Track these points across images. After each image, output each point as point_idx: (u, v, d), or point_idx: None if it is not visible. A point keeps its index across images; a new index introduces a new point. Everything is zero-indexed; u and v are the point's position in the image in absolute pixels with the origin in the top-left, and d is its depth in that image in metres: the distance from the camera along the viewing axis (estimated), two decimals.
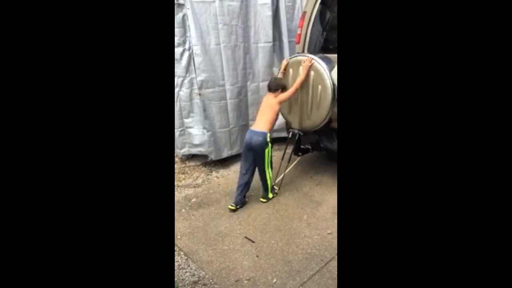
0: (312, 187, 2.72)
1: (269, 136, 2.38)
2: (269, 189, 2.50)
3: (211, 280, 1.77)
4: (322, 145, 2.77)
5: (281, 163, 2.72)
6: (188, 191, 2.75)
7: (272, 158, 2.48)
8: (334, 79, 2.30)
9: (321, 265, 1.83)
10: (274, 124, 2.45)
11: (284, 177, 2.72)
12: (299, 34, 2.72)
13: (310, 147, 2.83)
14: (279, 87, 2.42)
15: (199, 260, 1.92)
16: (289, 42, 3.22)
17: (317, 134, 2.71)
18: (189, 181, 2.93)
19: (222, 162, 3.20)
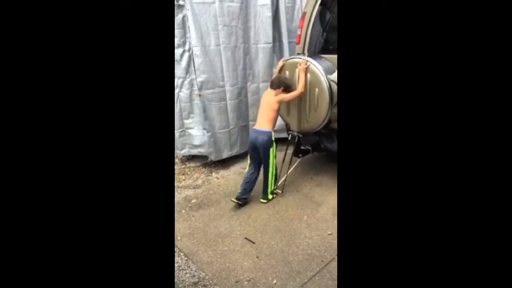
0: (312, 188, 2.71)
1: (273, 135, 2.39)
2: (269, 191, 2.50)
3: (211, 281, 1.77)
4: (323, 146, 2.77)
5: (282, 165, 2.71)
6: (188, 192, 2.75)
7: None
8: (331, 80, 2.30)
9: (321, 266, 1.83)
10: (276, 122, 2.45)
11: (286, 179, 2.72)
12: (299, 35, 2.72)
13: (310, 148, 2.83)
14: (282, 85, 2.41)
15: (199, 261, 1.92)
16: (289, 43, 3.22)
17: (317, 135, 2.71)
18: (189, 182, 2.93)
19: (222, 163, 3.20)
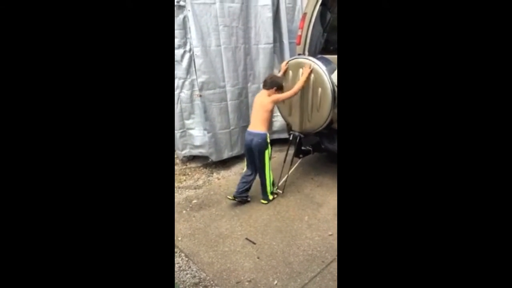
0: (313, 189, 2.71)
1: (268, 137, 2.38)
2: (269, 191, 2.49)
3: (212, 282, 1.76)
4: (323, 146, 2.76)
5: (284, 165, 2.71)
6: (189, 193, 2.75)
7: (271, 160, 2.47)
8: (334, 81, 2.29)
9: (322, 267, 1.83)
10: (270, 123, 2.43)
11: (287, 179, 2.71)
12: (300, 35, 2.72)
13: (311, 149, 2.82)
14: (275, 85, 2.37)
15: (200, 262, 1.92)
16: (290, 43, 3.22)
17: (318, 136, 2.71)
18: (190, 183, 2.93)
19: (223, 164, 3.20)
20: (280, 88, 2.40)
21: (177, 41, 2.77)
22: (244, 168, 2.54)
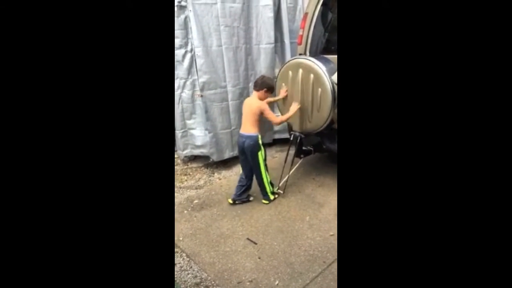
0: (315, 189, 2.71)
1: (261, 138, 2.36)
2: (269, 191, 2.49)
3: (213, 282, 1.77)
4: (325, 147, 2.76)
5: (284, 166, 2.71)
6: (190, 193, 2.75)
7: (267, 161, 2.47)
8: (335, 81, 2.29)
9: (324, 267, 1.83)
10: (260, 125, 2.39)
11: (287, 180, 2.71)
12: (301, 35, 2.72)
13: (312, 149, 2.82)
14: (265, 86, 2.32)
15: (201, 262, 1.92)
16: (291, 43, 3.22)
17: (319, 136, 2.71)
18: (191, 183, 2.94)
19: (224, 164, 3.21)
20: (270, 90, 2.37)
21: (179, 41, 2.77)
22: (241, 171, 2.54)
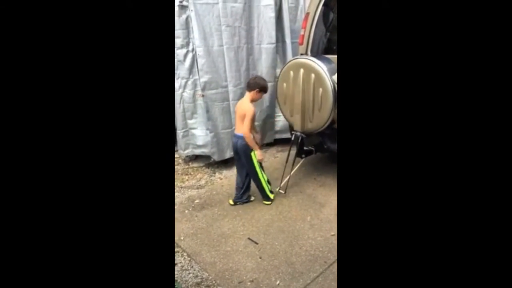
0: (316, 189, 2.71)
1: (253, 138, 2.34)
2: (268, 191, 2.47)
3: (214, 282, 1.77)
4: (326, 147, 2.76)
5: (286, 166, 2.71)
6: (191, 192, 2.75)
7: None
8: (336, 81, 2.29)
9: (325, 267, 1.83)
10: (255, 126, 2.37)
11: (289, 180, 2.71)
12: (302, 35, 2.72)
13: (314, 149, 2.82)
14: (257, 87, 2.30)
15: (202, 261, 1.92)
16: (292, 43, 3.22)
17: (321, 136, 2.71)
18: (192, 182, 2.94)
19: (225, 163, 3.21)
20: (263, 90, 2.33)
21: (180, 41, 2.77)
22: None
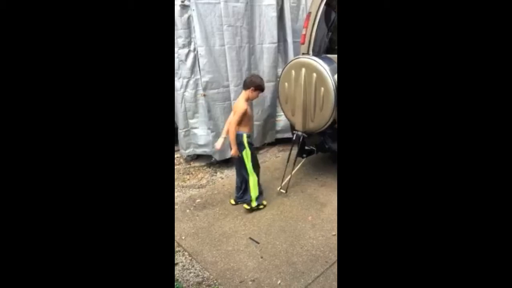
0: (317, 188, 2.70)
1: (246, 137, 2.30)
2: (253, 196, 2.38)
3: (216, 281, 1.77)
4: (327, 146, 2.75)
5: (287, 165, 2.71)
6: (193, 192, 2.76)
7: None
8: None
9: (326, 267, 1.82)
10: (249, 123, 2.35)
11: (290, 179, 2.71)
12: (304, 35, 2.71)
13: (315, 149, 2.81)
14: (252, 85, 2.27)
15: (204, 261, 1.92)
16: (294, 43, 3.21)
17: (322, 135, 2.70)
18: (194, 182, 2.94)
19: (227, 163, 3.21)
20: (258, 88, 2.30)
21: (182, 41, 2.77)
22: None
